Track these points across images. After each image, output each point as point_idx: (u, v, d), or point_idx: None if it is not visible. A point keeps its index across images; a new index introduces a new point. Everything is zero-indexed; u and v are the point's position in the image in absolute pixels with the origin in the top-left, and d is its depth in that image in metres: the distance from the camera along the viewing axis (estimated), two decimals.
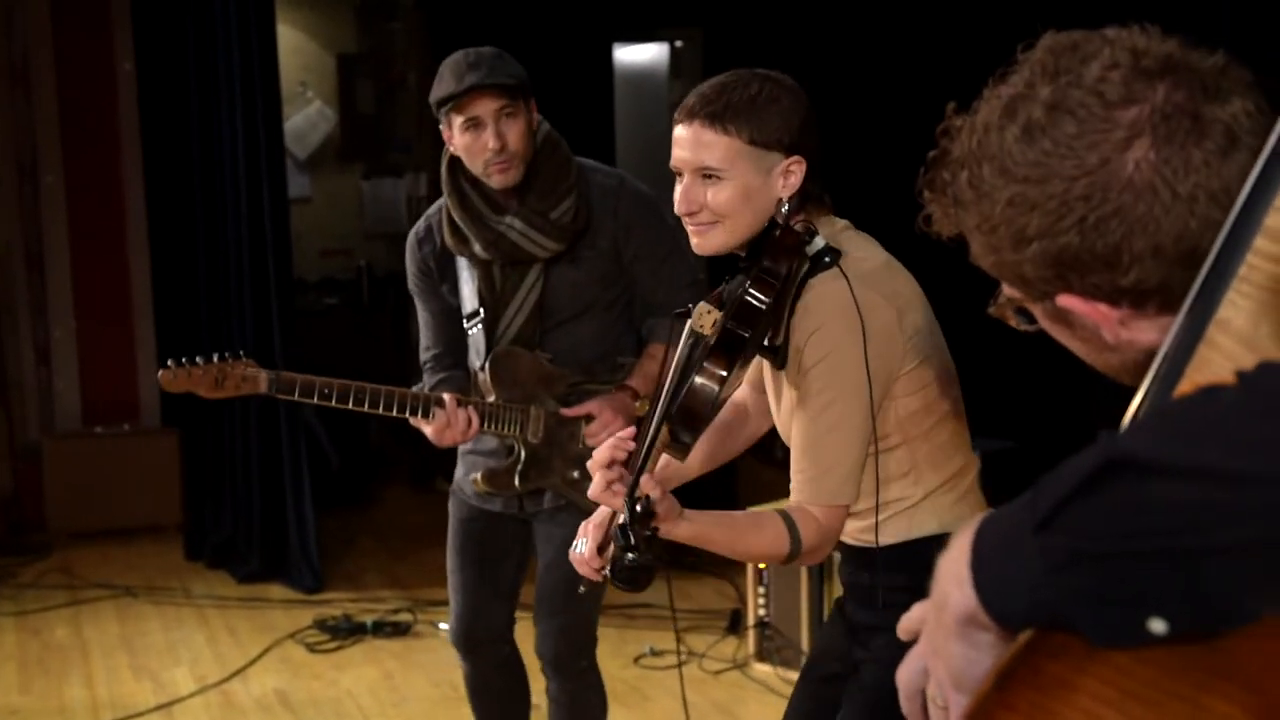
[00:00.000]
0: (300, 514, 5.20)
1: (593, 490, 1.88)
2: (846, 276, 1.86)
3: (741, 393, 2.24)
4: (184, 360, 2.71)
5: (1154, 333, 1.01)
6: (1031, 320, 1.12)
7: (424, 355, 2.94)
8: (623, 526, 1.69)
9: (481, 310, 2.79)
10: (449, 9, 6.12)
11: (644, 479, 1.75)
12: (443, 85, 2.66)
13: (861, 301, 1.84)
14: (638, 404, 2.79)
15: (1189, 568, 0.83)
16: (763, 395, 2.11)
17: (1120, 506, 0.84)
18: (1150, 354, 1.00)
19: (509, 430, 2.78)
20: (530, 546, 2.97)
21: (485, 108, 2.63)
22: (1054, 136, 1.00)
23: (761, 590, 4.09)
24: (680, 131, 1.92)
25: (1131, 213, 0.98)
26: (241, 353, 2.74)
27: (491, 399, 2.78)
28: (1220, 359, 0.94)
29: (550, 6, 5.47)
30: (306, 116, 7.10)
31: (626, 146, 6.42)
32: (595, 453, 1.89)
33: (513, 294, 2.77)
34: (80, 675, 4.35)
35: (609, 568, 1.73)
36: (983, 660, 0.96)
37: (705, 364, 1.79)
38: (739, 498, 5.10)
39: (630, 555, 1.66)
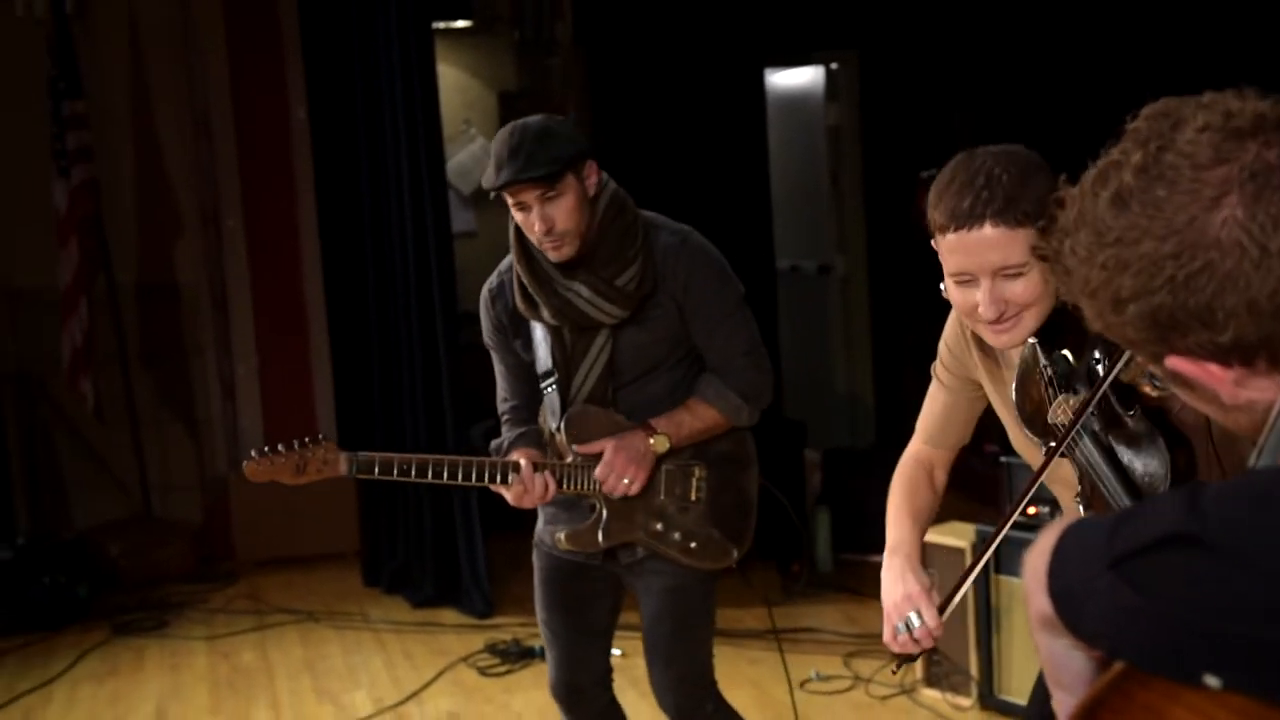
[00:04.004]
0: (470, 541, 5.33)
1: None
2: None
3: (926, 453, 2.32)
4: (266, 450, 2.75)
5: (1273, 391, 1.00)
6: (1163, 385, 1.13)
7: (501, 406, 2.96)
8: None
9: (555, 371, 2.79)
10: (605, 44, 6.23)
11: None
12: (488, 172, 2.64)
13: None
14: (653, 440, 2.74)
15: (1252, 651, 0.84)
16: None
17: (1195, 577, 0.86)
18: None
19: (587, 489, 2.78)
20: (620, 590, 2.95)
21: (525, 195, 2.62)
22: (1143, 200, 1.01)
23: None
24: (961, 238, 1.87)
25: (1220, 269, 0.98)
26: (321, 436, 2.78)
27: (569, 460, 2.78)
28: None
29: (703, 34, 5.53)
30: (470, 153, 7.29)
31: (782, 170, 6.43)
32: None
33: (582, 357, 2.76)
34: (266, 697, 4.54)
35: None
36: (1069, 659, 0.99)
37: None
38: None
39: None
